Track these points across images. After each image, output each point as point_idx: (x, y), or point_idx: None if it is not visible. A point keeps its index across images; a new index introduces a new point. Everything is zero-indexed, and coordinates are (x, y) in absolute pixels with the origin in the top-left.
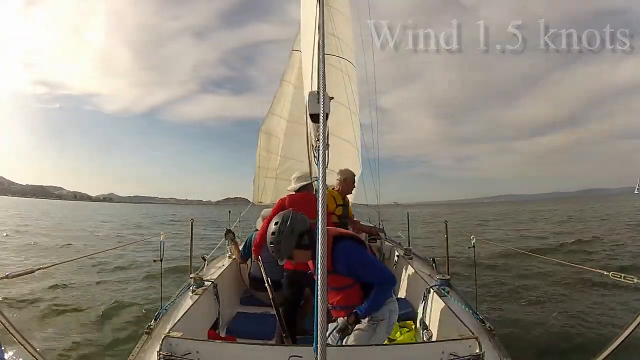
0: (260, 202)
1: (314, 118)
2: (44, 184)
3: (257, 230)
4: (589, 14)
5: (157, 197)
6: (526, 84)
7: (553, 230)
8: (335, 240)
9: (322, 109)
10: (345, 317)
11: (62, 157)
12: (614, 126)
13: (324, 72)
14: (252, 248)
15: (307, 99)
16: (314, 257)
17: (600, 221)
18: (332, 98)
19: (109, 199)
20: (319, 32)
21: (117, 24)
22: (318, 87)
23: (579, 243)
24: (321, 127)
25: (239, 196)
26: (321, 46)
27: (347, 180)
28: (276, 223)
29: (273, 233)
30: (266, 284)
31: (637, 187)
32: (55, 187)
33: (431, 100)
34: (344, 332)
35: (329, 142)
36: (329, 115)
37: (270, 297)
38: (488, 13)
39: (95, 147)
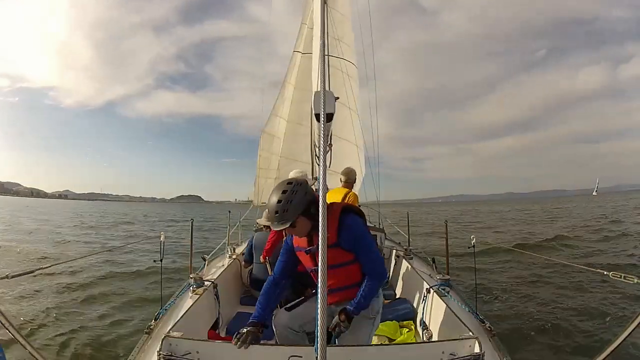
0: (264, 203)
1: (319, 118)
2: (2, 180)
3: (257, 230)
4: (554, 22)
5: (111, 194)
6: (484, 88)
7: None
8: (342, 212)
9: (323, 109)
10: (337, 315)
11: (20, 152)
12: (572, 131)
13: (324, 72)
14: (264, 250)
15: (313, 99)
16: (314, 230)
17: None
18: (338, 98)
19: (64, 195)
20: (321, 34)
21: (80, 15)
22: (322, 87)
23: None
24: (322, 127)
25: (192, 194)
26: (322, 47)
27: (351, 180)
28: (290, 183)
29: (284, 192)
30: None
31: (595, 189)
32: (13, 183)
33: (387, 102)
34: (335, 330)
35: (332, 143)
36: (333, 116)
37: None
38: (448, 17)
39: (52, 142)
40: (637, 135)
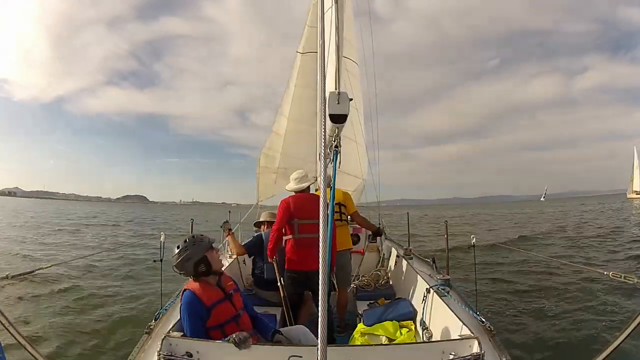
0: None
1: (333, 118)
2: None
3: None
4: (507, 33)
5: (59, 193)
6: (434, 94)
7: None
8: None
9: (326, 109)
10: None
11: None
12: (522, 138)
13: (323, 72)
14: (269, 249)
15: (327, 99)
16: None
17: None
18: (352, 99)
19: (13, 193)
20: (324, 34)
21: (38, 7)
22: (320, 88)
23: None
24: (322, 127)
25: (137, 193)
26: (322, 46)
27: None
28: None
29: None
30: (278, 283)
31: (543, 195)
32: None
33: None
34: None
35: (341, 143)
36: (347, 117)
37: (282, 295)
38: (401, 26)
39: (2, 136)
40: (588, 144)
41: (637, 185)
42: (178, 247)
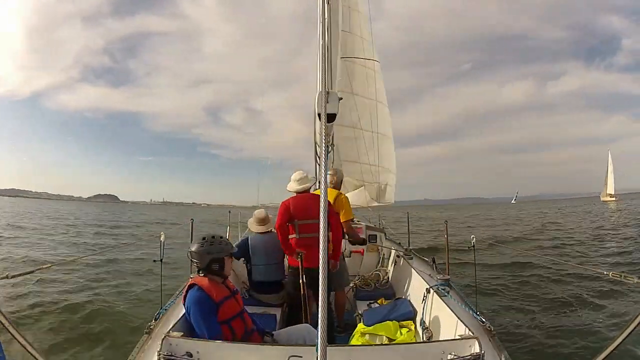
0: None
1: (321, 118)
2: None
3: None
4: (482, 37)
5: (31, 191)
6: (405, 96)
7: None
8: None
9: (324, 108)
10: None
11: None
12: (493, 141)
13: (324, 72)
14: (282, 245)
15: (316, 99)
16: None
17: None
18: (341, 99)
19: None
20: (327, 32)
21: (18, 2)
22: (320, 87)
23: None
24: (323, 127)
25: (108, 193)
26: (322, 45)
27: (337, 180)
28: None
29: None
30: (301, 280)
31: (514, 197)
32: None
33: (303, 105)
34: None
35: (334, 143)
36: (336, 116)
37: (302, 293)
38: (379, 26)
39: None
40: (563, 148)
41: (610, 188)
42: (204, 239)
